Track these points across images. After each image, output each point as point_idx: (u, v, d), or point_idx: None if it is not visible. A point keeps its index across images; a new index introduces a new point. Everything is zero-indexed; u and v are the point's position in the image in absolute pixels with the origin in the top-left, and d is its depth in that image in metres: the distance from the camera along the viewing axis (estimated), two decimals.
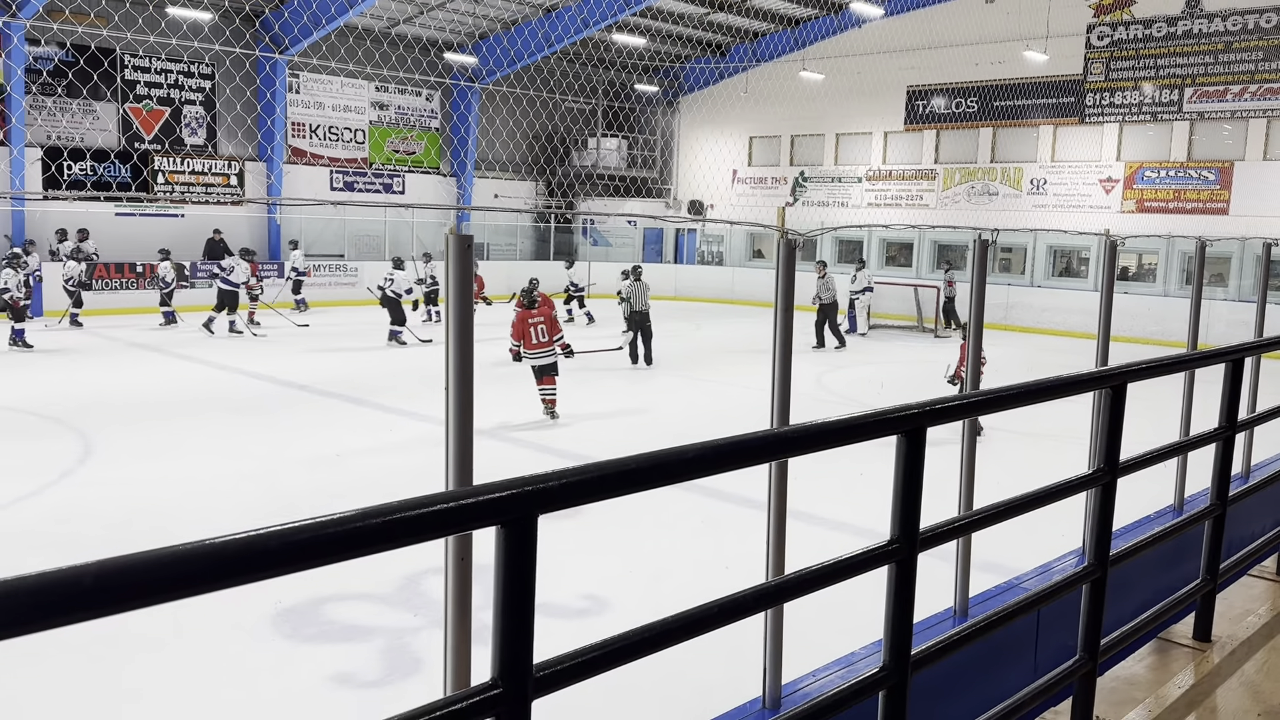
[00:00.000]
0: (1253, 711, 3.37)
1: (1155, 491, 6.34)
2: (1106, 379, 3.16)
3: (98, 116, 22.75)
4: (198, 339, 18.25)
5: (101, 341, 17.58)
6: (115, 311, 21.18)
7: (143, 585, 1.12)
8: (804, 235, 23.30)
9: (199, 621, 5.86)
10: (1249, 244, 20.86)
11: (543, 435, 11.09)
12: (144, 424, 11.25)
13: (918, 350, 19.50)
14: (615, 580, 6.84)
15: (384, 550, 1.40)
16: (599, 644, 1.74)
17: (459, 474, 2.25)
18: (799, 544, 3.40)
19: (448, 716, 1.47)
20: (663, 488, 1.88)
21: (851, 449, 2.36)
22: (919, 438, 2.29)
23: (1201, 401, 5.84)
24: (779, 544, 3.20)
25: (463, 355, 2.41)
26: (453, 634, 2.37)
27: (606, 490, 1.75)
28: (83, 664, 5.38)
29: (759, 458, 2.29)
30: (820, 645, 3.94)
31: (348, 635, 6.03)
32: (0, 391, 12.79)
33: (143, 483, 8.92)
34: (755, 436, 2.05)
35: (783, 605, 3.32)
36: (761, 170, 30.78)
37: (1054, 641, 4.23)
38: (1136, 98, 23.98)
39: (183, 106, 24.12)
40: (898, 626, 2.34)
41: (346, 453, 10.15)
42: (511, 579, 1.55)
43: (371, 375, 14.89)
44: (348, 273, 25.48)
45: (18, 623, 1.02)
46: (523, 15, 26.33)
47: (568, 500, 1.65)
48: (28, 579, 1.01)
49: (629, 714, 4.38)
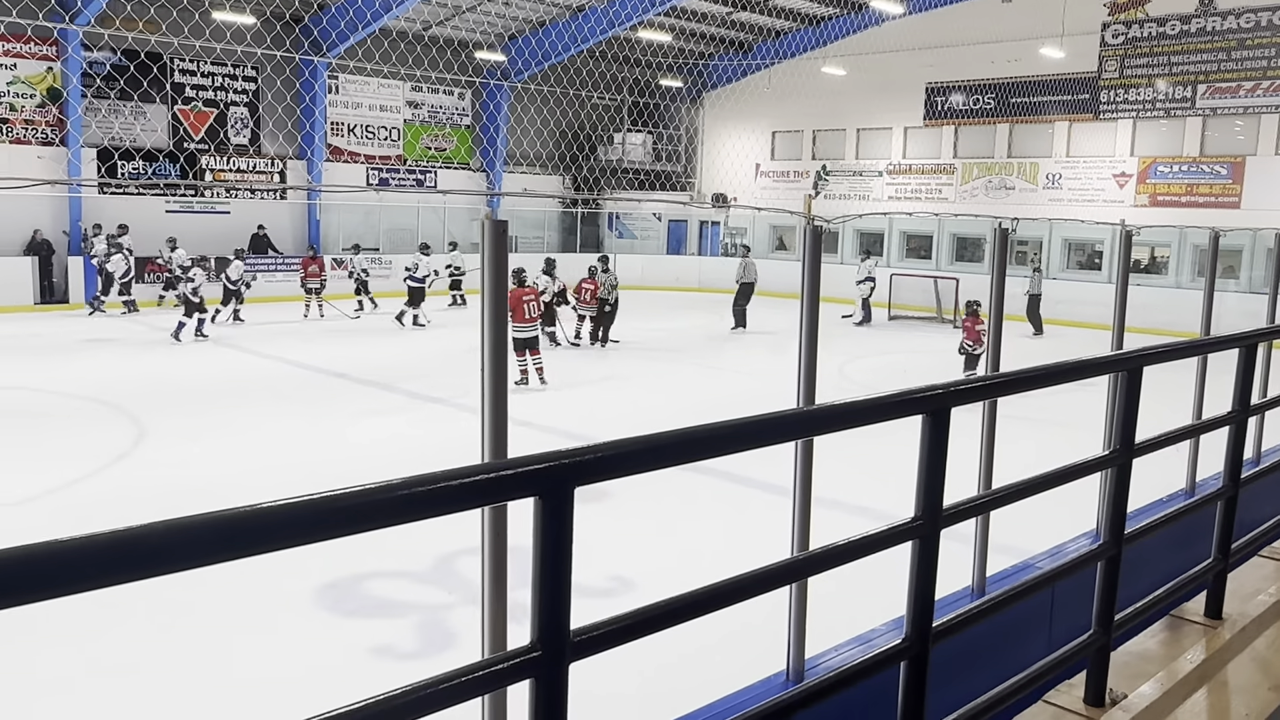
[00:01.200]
0: (1263, 685, 3.34)
1: (1166, 482, 6.28)
2: (1123, 362, 3.13)
3: (148, 118, 22.96)
4: (239, 330, 18.43)
5: (150, 331, 17.78)
6: (166, 303, 21.42)
7: (203, 544, 1.14)
8: (830, 222, 23.16)
9: (249, 594, 5.94)
10: (1260, 236, 20.54)
11: (555, 419, 11.09)
12: (193, 409, 11.38)
13: (938, 340, 19.37)
14: (642, 562, 6.85)
15: (428, 517, 1.41)
16: (632, 612, 1.74)
17: (494, 447, 2.26)
18: (820, 527, 3.39)
19: (490, 676, 1.48)
20: (690, 475, 1.88)
21: (872, 438, 2.35)
22: (944, 418, 2.28)
23: (1211, 394, 5.78)
24: (804, 521, 3.20)
25: (497, 336, 2.42)
26: (490, 603, 2.39)
27: (640, 464, 1.75)
28: (151, 632, 5.47)
29: (789, 435, 2.28)
30: (836, 631, 3.94)
31: (386, 610, 6.09)
32: (62, 380, 12.97)
33: (193, 463, 9.04)
34: (786, 414, 2.04)
35: (807, 582, 3.33)
36: (784, 164, 30.62)
37: (1068, 618, 4.20)
38: (1150, 94, 23.64)
39: (228, 108, 24.30)
40: (920, 600, 2.33)
41: (383, 433, 10.23)
42: (549, 547, 1.55)
43: (405, 361, 14.98)
44: (383, 265, 25.61)
45: (91, 577, 1.04)
46: (551, 16, 26.30)
47: (602, 473, 1.65)
48: (99, 536, 1.03)
49: (664, 690, 4.40)
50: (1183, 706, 3.15)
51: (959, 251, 26.23)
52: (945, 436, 2.29)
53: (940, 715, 2.50)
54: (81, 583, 1.03)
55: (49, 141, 21.50)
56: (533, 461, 1.51)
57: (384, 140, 27.36)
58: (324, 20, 23.97)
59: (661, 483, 8.05)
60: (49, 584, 1.01)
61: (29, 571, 1.00)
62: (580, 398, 12.88)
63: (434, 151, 28.41)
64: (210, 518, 1.15)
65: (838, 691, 2.17)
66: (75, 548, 1.03)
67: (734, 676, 3.69)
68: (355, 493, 1.29)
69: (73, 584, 1.03)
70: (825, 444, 2.90)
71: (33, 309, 20.20)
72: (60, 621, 5.12)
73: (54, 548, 1.01)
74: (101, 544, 1.03)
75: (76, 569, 1.03)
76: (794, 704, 2.09)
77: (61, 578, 1.02)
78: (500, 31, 27.00)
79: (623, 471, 1.73)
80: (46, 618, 2.16)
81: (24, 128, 21.27)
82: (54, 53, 21.32)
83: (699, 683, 3.63)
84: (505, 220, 2.39)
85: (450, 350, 15.15)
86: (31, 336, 16.68)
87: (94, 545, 1.03)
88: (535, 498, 1.54)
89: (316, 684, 5.09)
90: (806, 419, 2.34)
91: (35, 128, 21.39)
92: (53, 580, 1.01)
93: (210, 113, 23.96)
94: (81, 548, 1.02)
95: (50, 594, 1.02)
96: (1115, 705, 3.11)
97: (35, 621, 2.33)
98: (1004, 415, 4.56)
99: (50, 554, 1.01)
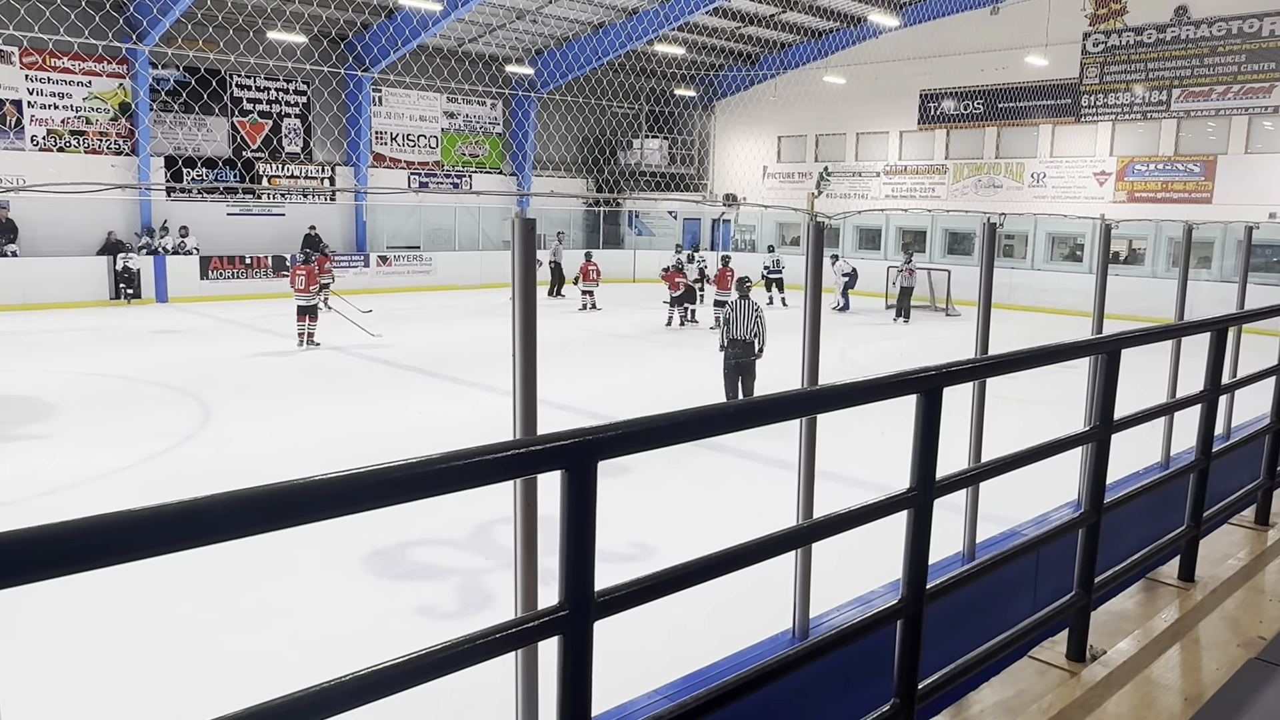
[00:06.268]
0: (1232, 642, 3.31)
1: (1142, 456, 6.23)
2: (1103, 345, 3.10)
3: (209, 129, 23.08)
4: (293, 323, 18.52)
5: (214, 323, 17.93)
6: (226, 298, 21.60)
7: (265, 513, 1.15)
8: (832, 219, 23.01)
9: (306, 560, 6.00)
10: (1231, 229, 20.27)
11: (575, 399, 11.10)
12: (253, 393, 11.47)
13: (931, 328, 19.26)
14: (661, 530, 6.87)
15: (467, 488, 1.42)
16: (652, 575, 1.74)
17: (525, 425, 2.27)
18: (823, 498, 3.38)
19: (522, 633, 1.49)
20: (704, 451, 1.88)
21: (871, 418, 2.34)
22: (937, 397, 2.27)
23: (1185, 375, 5.72)
24: (808, 492, 3.19)
25: (527, 325, 2.42)
26: (522, 567, 2.40)
27: (658, 440, 1.74)
28: (224, 592, 5.54)
29: (795, 413, 2.27)
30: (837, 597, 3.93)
31: (429, 574, 6.13)
32: (136, 366, 13.10)
33: (252, 442, 9.12)
34: (791, 394, 2.04)
35: (811, 546, 3.32)
36: (789, 166, 30.45)
37: (1052, 581, 4.18)
38: (1128, 98, 23.33)
39: (282, 119, 24.37)
40: (915, 564, 2.32)
41: (425, 415, 10.28)
42: (574, 516, 1.56)
43: (442, 352, 15.03)
44: (423, 262, 25.69)
45: (162, 544, 1.05)
46: (574, 32, 26.22)
47: (624, 448, 1.65)
48: (168, 507, 1.04)
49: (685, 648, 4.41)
50: (1158, 662, 3.14)
51: (951, 245, 26.02)
52: (938, 414, 2.28)
53: (934, 670, 2.50)
54: (156, 548, 1.05)
55: (120, 151, 21.66)
56: (560, 438, 1.52)
57: (423, 147, 27.39)
58: (368, 38, 24.02)
59: (678, 462, 8.09)
60: (129, 549, 1.03)
61: (114, 538, 1.02)
62: (603, 381, 12.88)
63: (468, 157, 28.43)
64: (270, 489, 1.16)
65: (839, 648, 2.17)
66: (149, 517, 1.04)
67: (743, 634, 3.70)
68: (400, 466, 1.30)
69: (147, 549, 1.05)
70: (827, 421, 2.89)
71: (108, 303, 20.40)
72: (136, 581, 5.20)
73: (132, 516, 1.02)
74: (171, 514, 1.04)
75: (152, 536, 1.04)
76: (799, 659, 2.09)
77: (141, 543, 1.04)
78: (528, 47, 26.94)
79: (641, 447, 1.73)
80: (121, 578, 2.19)
81: (98, 139, 21.43)
82: (124, 70, 21.44)
83: (719, 643, 3.63)
84: (534, 219, 2.39)
85: (487, 340, 15.19)
86: (108, 329, 16.84)
87: (165, 515, 1.04)
88: (563, 471, 1.54)
89: (368, 640, 5.13)
90: (810, 398, 2.33)
91: (108, 139, 21.55)
92: (131, 545, 1.03)
93: (266, 123, 24.05)
94: (156, 517, 1.03)
95: (129, 558, 1.03)
96: (1095, 660, 3.10)
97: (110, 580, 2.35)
98: (992, 395, 4.53)
99: (132, 521, 1.02)
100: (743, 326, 10.23)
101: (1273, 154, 21.45)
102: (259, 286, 22.14)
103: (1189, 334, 3.78)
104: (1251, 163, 21.65)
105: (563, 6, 24.15)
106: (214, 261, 22.01)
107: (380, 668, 1.31)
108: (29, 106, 20.50)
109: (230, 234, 23.21)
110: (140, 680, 4.73)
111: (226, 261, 22.24)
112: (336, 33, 23.80)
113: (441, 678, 1.40)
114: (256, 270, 22.50)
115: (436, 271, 25.60)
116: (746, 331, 10.23)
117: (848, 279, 22.12)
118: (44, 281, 19.63)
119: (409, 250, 26.00)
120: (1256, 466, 4.64)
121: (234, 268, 22.33)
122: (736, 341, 10.30)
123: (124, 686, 4.67)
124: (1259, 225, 10.47)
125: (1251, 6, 21.14)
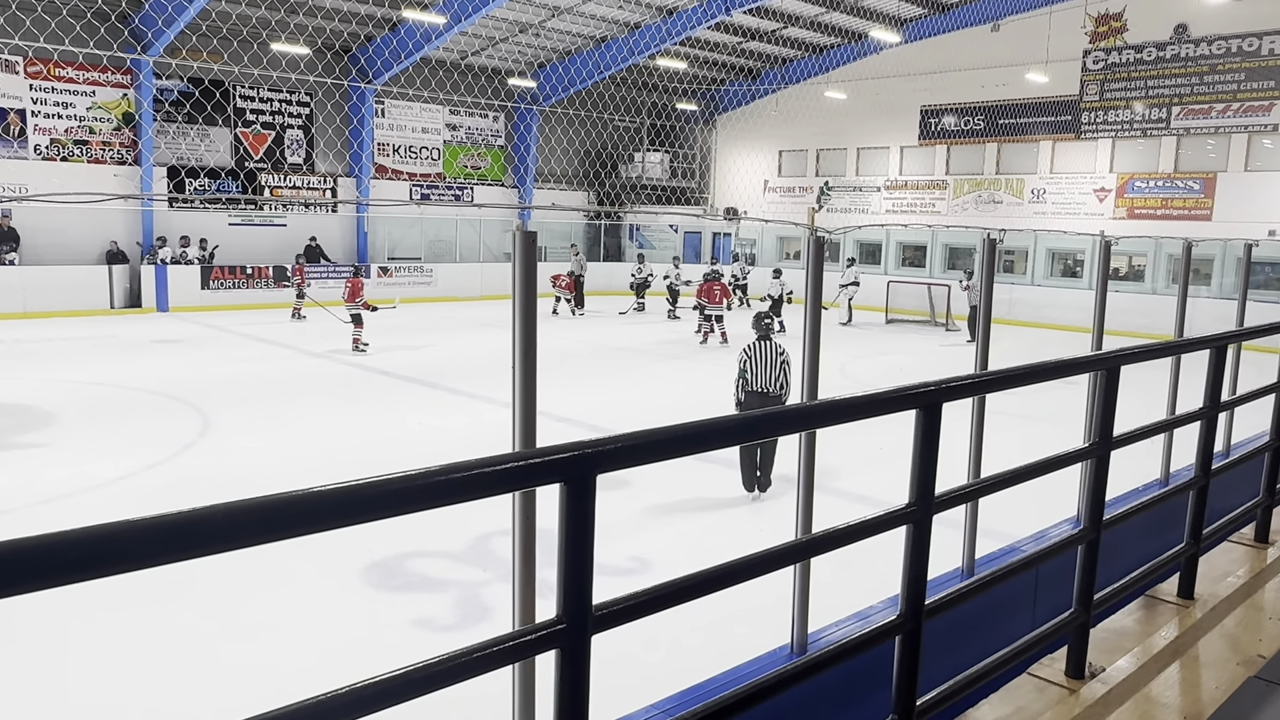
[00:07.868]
0: (1231, 660, 3.30)
1: (1142, 473, 6.22)
2: (1102, 362, 3.10)
3: (212, 139, 23.14)
4: (293, 332, 18.54)
5: (214, 333, 17.94)
6: (227, 308, 21.62)
7: (264, 524, 1.15)
8: (832, 234, 23.07)
9: (304, 571, 5.98)
10: (1230, 246, 20.30)
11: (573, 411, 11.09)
12: (252, 404, 11.46)
13: (931, 342, 19.27)
14: (659, 544, 6.85)
15: (465, 500, 1.41)
16: (651, 589, 1.74)
17: (524, 438, 2.26)
18: (822, 513, 3.38)
19: (520, 646, 1.48)
20: (702, 466, 1.88)
21: (869, 434, 2.34)
22: (935, 412, 2.27)
23: (1184, 392, 5.71)
24: (807, 507, 3.19)
25: (527, 338, 2.42)
26: (520, 580, 2.40)
27: (658, 453, 1.74)
28: (222, 603, 5.52)
29: (794, 427, 2.27)
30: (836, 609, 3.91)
31: (427, 586, 6.11)
32: (137, 376, 13.10)
33: (251, 452, 9.10)
34: (790, 409, 2.04)
35: (810, 561, 3.31)
36: (790, 180, 30.52)
37: (1051, 597, 4.17)
38: (1128, 116, 23.40)
39: (285, 130, 24.45)
40: (913, 580, 2.32)
41: (425, 426, 10.27)
42: (573, 530, 1.56)
43: (442, 363, 15.03)
44: (424, 274, 25.72)
45: (159, 554, 1.05)
46: (577, 46, 26.34)
47: (623, 462, 1.65)
48: (166, 517, 1.04)
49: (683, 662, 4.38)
50: (1156, 680, 3.12)
51: (951, 261, 26.06)
52: (937, 429, 2.28)
53: (932, 686, 2.49)
54: (154, 558, 1.04)
55: (123, 161, 21.72)
56: (559, 451, 1.52)
57: (425, 159, 27.47)
58: (371, 50, 24.11)
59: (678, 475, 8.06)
60: (125, 559, 1.03)
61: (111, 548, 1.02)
62: (608, 394, 12.88)
63: (470, 169, 28.50)
64: (269, 500, 1.16)
65: (838, 663, 2.16)
66: (147, 527, 1.04)
67: (741, 649, 3.68)
68: (399, 478, 1.30)
69: (145, 559, 1.04)
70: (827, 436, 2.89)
71: (109, 312, 20.42)
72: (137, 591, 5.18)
73: (130, 526, 1.02)
74: (169, 524, 1.04)
75: (149, 546, 1.04)
76: (797, 674, 2.08)
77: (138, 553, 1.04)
78: (530, 60, 27.06)
79: (641, 460, 1.73)
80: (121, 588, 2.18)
81: (101, 149, 21.49)
82: (128, 81, 21.52)
83: (717, 659, 3.62)
84: (535, 231, 2.39)
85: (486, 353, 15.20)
86: (109, 337, 16.85)
87: (162, 525, 1.04)
88: (561, 484, 1.54)
89: (365, 652, 5.11)
90: (809, 413, 2.33)
91: (111, 149, 21.61)
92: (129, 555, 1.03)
93: (268, 134, 24.12)
94: (154, 527, 1.03)
95: (126, 568, 1.03)
96: (1094, 678, 3.09)
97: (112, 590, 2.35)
98: (992, 410, 4.53)
99: (129, 531, 1.02)
100: (764, 375, 7.83)
101: (1272, 172, 21.51)
102: (260, 296, 22.23)
103: (1188, 351, 3.78)
104: (1251, 180, 21.70)
105: (565, 21, 24.27)
106: (215, 271, 22.06)
107: (377, 680, 1.30)
108: (33, 116, 20.57)
109: (232, 243, 23.24)
110: (137, 690, 4.70)
111: (228, 271, 22.28)
112: (340, 45, 23.93)
113: (439, 690, 1.40)
114: (258, 280, 22.56)
115: (437, 283, 25.65)
116: (769, 381, 7.81)
117: (855, 287, 22.06)
118: (45, 290, 19.66)
119: (410, 261, 26.04)
120: (1256, 484, 4.63)
121: (235, 277, 22.37)
122: (755, 394, 7.84)
123: (121, 696, 4.65)
124: (1258, 242, 10.50)
125: (1251, 25, 21.24)
